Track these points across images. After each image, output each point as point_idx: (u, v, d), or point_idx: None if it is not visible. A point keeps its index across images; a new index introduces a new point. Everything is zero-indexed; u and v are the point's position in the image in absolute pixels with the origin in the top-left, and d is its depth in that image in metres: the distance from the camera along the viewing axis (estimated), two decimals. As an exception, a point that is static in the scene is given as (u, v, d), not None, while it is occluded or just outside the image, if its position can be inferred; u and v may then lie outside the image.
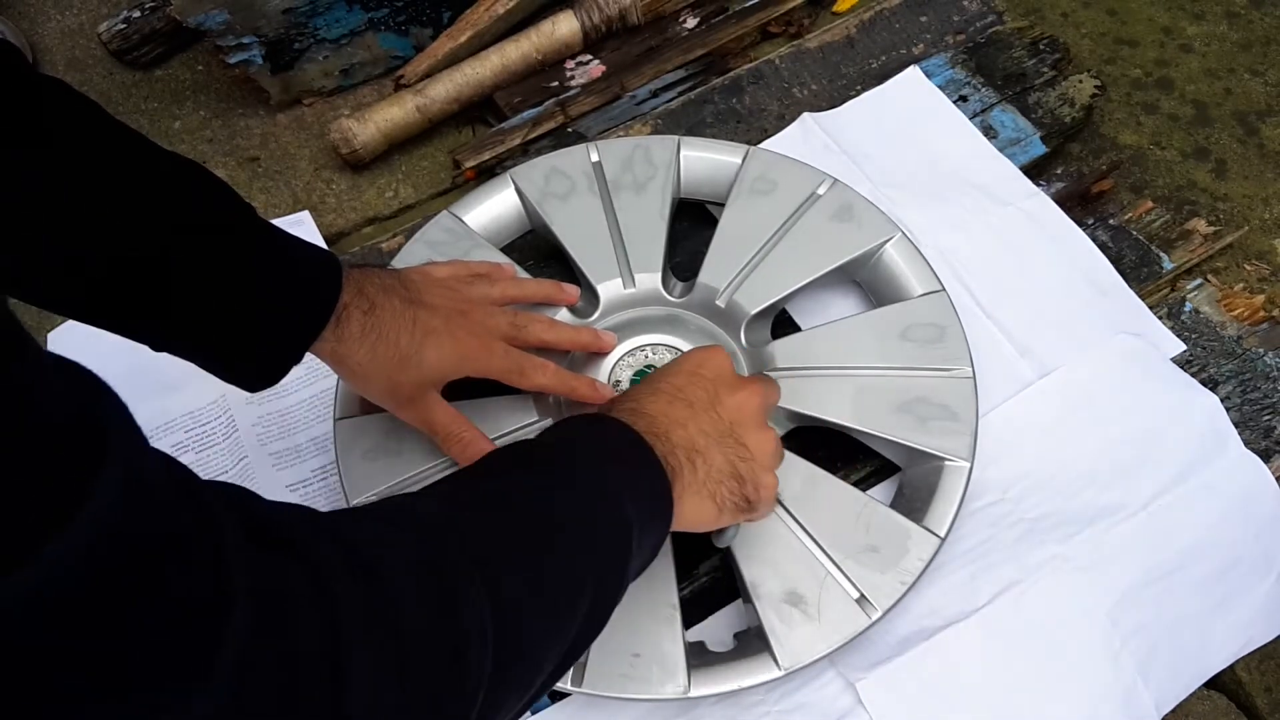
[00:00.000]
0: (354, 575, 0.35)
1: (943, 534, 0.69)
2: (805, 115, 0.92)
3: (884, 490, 0.75)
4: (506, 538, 0.46)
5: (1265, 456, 0.76)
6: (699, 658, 0.67)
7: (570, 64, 0.99)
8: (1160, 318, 0.83)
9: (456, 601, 0.39)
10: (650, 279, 0.80)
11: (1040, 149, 0.91)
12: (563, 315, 0.79)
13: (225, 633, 0.28)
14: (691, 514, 0.57)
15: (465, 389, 0.70)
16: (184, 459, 0.43)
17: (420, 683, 0.36)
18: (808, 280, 0.78)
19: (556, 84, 0.98)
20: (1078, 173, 0.93)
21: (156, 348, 0.57)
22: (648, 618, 0.66)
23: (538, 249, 0.86)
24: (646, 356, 0.77)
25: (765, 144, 0.89)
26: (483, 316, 0.68)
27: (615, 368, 0.76)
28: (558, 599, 0.46)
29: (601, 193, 0.83)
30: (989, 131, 0.92)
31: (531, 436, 0.72)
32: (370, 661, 0.33)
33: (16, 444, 0.24)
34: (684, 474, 0.56)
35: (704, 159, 0.85)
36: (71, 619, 0.25)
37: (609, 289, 0.80)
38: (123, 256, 0.53)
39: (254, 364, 0.60)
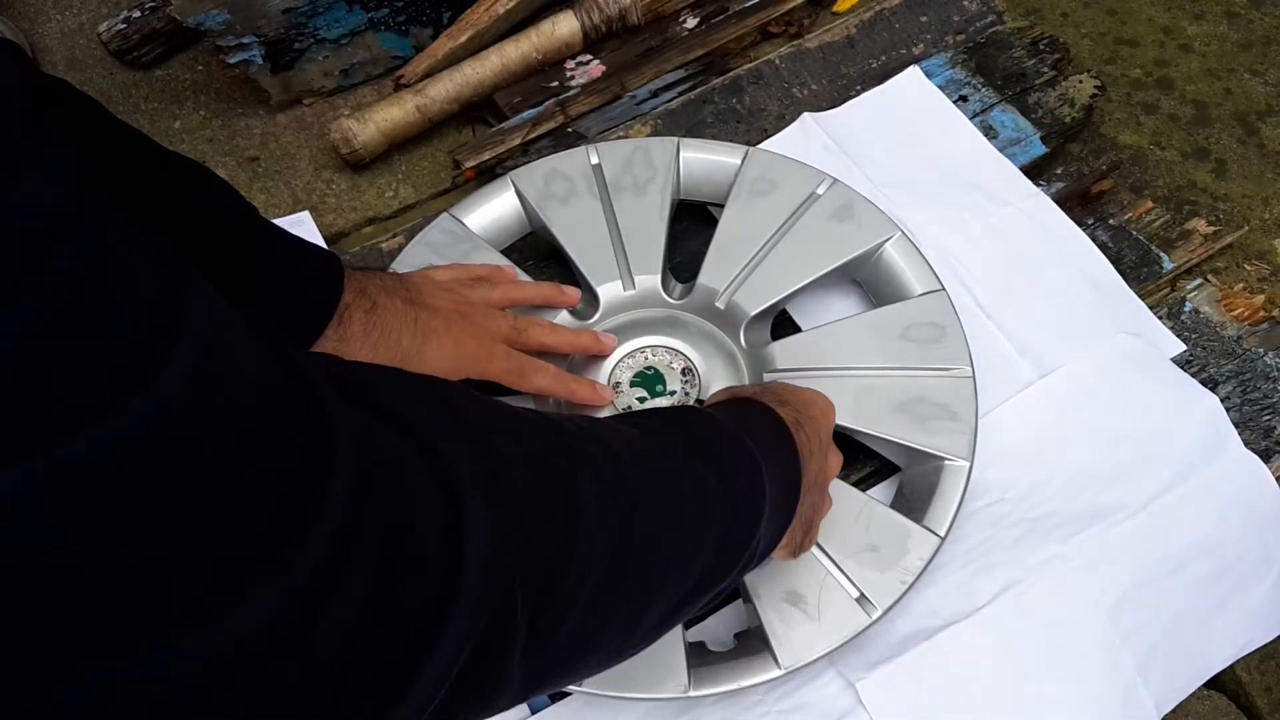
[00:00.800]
0: (461, 437, 0.35)
1: (943, 533, 0.69)
2: (805, 115, 0.92)
3: (884, 490, 0.75)
4: (640, 448, 0.44)
5: (1265, 456, 0.76)
6: (699, 657, 0.67)
7: (570, 64, 0.99)
8: (1160, 318, 0.83)
9: (572, 466, 0.39)
10: (650, 280, 0.80)
11: (1040, 149, 0.91)
12: (563, 317, 0.79)
13: (330, 486, 0.28)
14: None
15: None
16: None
17: (530, 539, 0.35)
18: (808, 281, 0.78)
19: (556, 84, 0.98)
20: (1078, 173, 0.93)
21: None
22: (648, 618, 0.66)
23: (538, 250, 0.87)
24: (646, 358, 0.77)
25: (765, 144, 0.89)
26: (484, 319, 0.68)
27: (615, 369, 0.76)
28: (689, 518, 0.44)
29: (601, 195, 0.83)
30: (989, 131, 0.92)
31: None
32: (483, 513, 0.33)
33: (111, 299, 0.24)
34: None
35: (703, 160, 0.85)
36: (170, 467, 0.24)
37: (609, 291, 0.80)
38: None
39: None
